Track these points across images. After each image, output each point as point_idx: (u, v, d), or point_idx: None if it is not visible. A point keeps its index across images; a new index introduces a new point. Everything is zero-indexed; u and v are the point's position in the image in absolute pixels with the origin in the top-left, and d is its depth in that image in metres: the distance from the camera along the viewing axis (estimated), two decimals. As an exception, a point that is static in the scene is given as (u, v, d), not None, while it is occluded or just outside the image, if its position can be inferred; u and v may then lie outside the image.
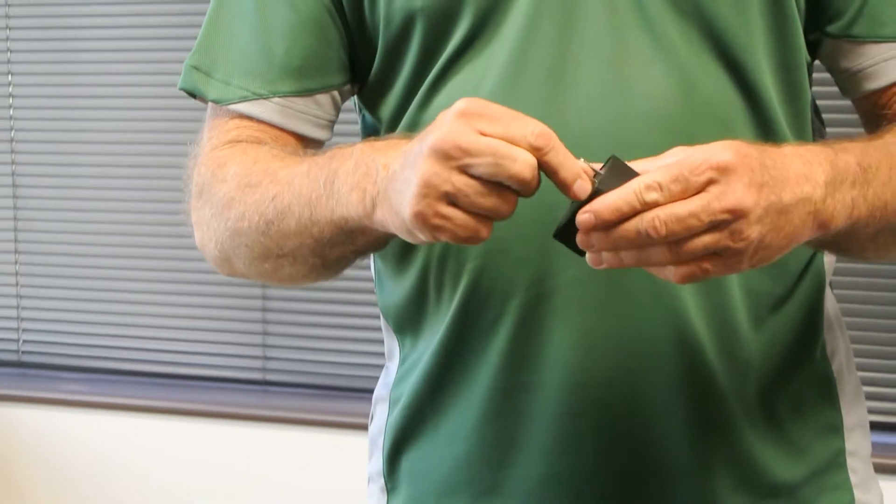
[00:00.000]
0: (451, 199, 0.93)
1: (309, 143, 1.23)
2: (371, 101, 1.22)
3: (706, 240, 0.92)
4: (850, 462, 1.23)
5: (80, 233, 3.03)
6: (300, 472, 2.84)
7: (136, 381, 3.02)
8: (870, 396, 2.45)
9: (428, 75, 1.15)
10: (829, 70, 1.21)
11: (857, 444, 1.24)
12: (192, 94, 1.25)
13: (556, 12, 1.12)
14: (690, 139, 1.07)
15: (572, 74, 1.11)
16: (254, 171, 1.14)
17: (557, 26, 1.12)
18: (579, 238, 0.94)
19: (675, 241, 0.92)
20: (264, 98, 1.20)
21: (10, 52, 3.05)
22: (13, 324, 3.11)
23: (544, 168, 0.92)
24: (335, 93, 1.22)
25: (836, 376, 1.22)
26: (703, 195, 0.91)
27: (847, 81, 1.19)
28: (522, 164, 0.91)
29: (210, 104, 1.24)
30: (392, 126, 1.19)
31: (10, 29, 3.04)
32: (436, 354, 1.17)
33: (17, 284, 3.09)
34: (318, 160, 1.08)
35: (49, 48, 3.03)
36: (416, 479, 1.22)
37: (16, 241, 3.08)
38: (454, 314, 1.16)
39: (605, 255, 0.94)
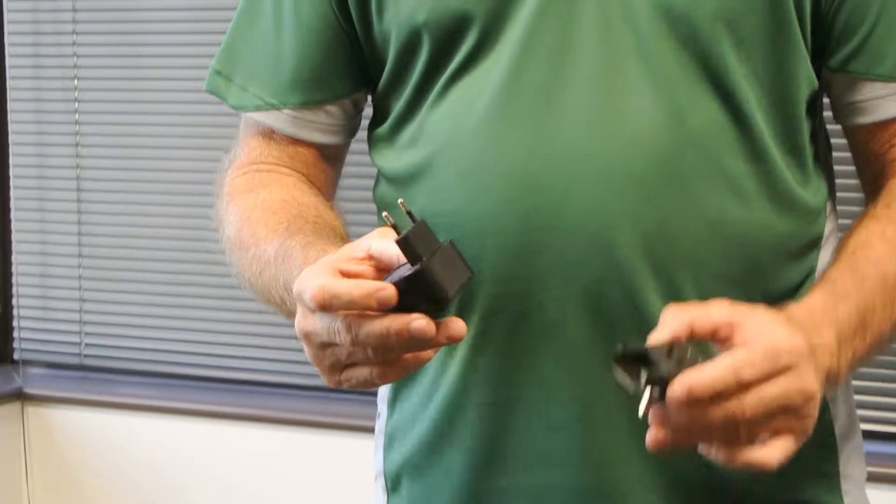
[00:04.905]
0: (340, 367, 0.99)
1: (326, 150, 1.27)
2: (379, 109, 1.25)
3: (777, 421, 0.96)
4: (845, 486, 1.22)
5: (144, 237, 3.04)
6: (361, 478, 2.83)
7: (196, 385, 3.03)
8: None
9: (431, 91, 1.18)
10: (827, 94, 1.22)
11: (853, 468, 1.23)
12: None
13: (553, 34, 1.13)
14: (678, 169, 1.11)
15: (563, 99, 1.12)
16: (245, 230, 1.21)
17: (553, 49, 1.13)
18: (655, 414, 0.95)
19: (747, 423, 0.95)
20: (276, 108, 1.25)
21: (77, 56, 3.07)
22: (76, 327, 3.12)
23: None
24: (346, 101, 1.25)
25: (829, 401, 1.21)
26: (780, 380, 0.95)
27: (839, 111, 1.21)
28: (304, 339, 0.99)
29: (247, 118, 1.29)
30: (393, 133, 1.21)
31: (76, 34, 3.06)
32: (427, 369, 1.19)
33: (80, 288, 3.10)
34: (278, 252, 1.13)
35: (115, 53, 3.05)
36: (412, 484, 1.24)
37: (79, 244, 3.09)
38: None
39: (672, 435, 0.95)
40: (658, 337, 0.94)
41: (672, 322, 0.95)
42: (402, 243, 0.94)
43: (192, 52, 2.99)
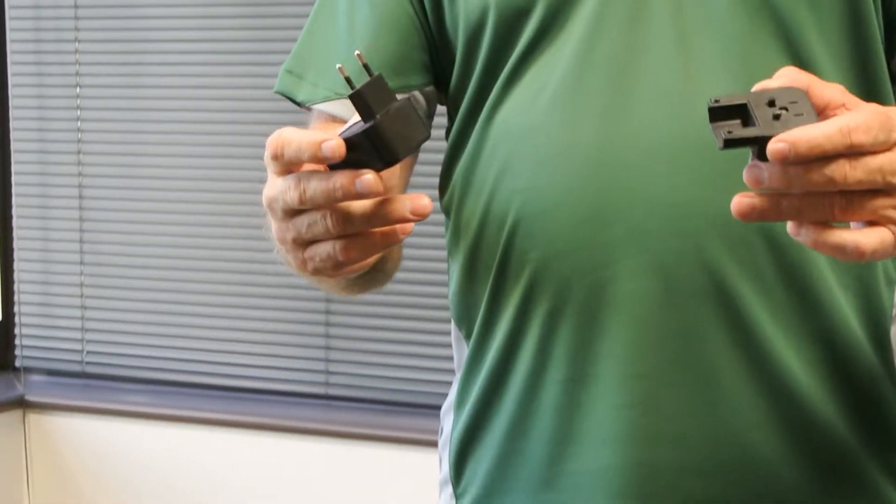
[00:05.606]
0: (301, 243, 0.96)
1: None
2: (451, 105, 1.23)
3: (878, 202, 0.89)
4: None
5: (145, 245, 3.04)
6: (362, 486, 2.83)
7: (198, 393, 3.03)
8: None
9: (500, 74, 1.16)
10: None
11: None
12: (292, 100, 1.27)
13: (625, 6, 1.12)
14: None
15: (637, 71, 1.11)
16: None
17: (625, 21, 1.12)
18: (751, 173, 0.88)
19: (847, 195, 0.88)
20: (345, 97, 1.21)
21: (79, 64, 3.07)
22: (77, 334, 3.12)
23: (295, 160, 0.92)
24: (417, 93, 1.23)
25: None
26: (892, 153, 0.88)
27: None
28: (269, 211, 0.97)
29: (312, 113, 1.26)
30: (465, 128, 1.20)
31: (78, 42, 3.07)
32: (499, 350, 1.18)
33: (81, 295, 3.10)
34: None
35: (117, 61, 3.06)
36: (480, 478, 1.22)
37: (81, 251, 3.09)
38: (517, 307, 1.16)
39: (758, 200, 0.88)
40: (765, 84, 0.89)
41: (786, 76, 0.91)
42: (355, 98, 0.90)
43: (195, 60, 2.99)
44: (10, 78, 3.13)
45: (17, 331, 3.17)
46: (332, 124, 1.21)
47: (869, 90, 1.14)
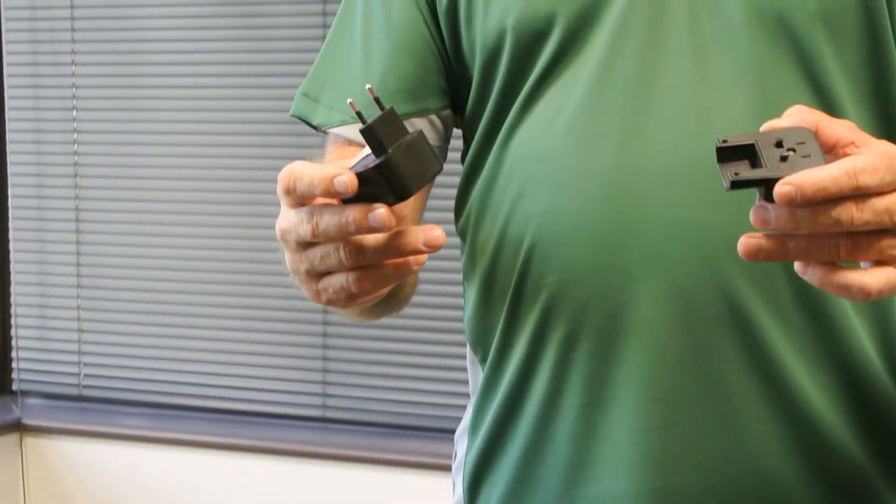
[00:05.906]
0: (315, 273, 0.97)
1: None
2: (467, 128, 1.23)
3: (885, 242, 0.91)
4: None
5: (142, 267, 3.04)
6: (359, 510, 2.82)
7: (195, 416, 3.02)
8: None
9: (517, 97, 1.17)
10: None
11: None
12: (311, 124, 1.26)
13: (643, 28, 1.12)
14: None
15: (652, 97, 1.11)
16: None
17: (642, 43, 1.12)
18: (757, 214, 0.89)
19: (853, 237, 0.90)
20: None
21: (76, 87, 3.07)
22: (74, 358, 3.12)
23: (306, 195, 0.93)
24: (433, 117, 1.23)
25: None
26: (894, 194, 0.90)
27: None
28: (283, 243, 0.97)
29: (328, 136, 1.26)
30: (481, 151, 1.20)
31: (75, 65, 3.07)
32: (515, 374, 1.18)
33: (78, 319, 3.10)
34: None
35: (113, 84, 3.06)
36: (495, 503, 1.22)
37: (78, 275, 3.09)
38: (533, 331, 1.16)
39: (765, 241, 0.90)
40: (774, 123, 0.91)
41: (796, 115, 0.92)
42: (367, 133, 0.90)
43: (191, 83, 3.00)
44: (7, 101, 3.14)
45: (14, 354, 3.17)
46: (347, 148, 1.21)
47: (888, 113, 1.14)
